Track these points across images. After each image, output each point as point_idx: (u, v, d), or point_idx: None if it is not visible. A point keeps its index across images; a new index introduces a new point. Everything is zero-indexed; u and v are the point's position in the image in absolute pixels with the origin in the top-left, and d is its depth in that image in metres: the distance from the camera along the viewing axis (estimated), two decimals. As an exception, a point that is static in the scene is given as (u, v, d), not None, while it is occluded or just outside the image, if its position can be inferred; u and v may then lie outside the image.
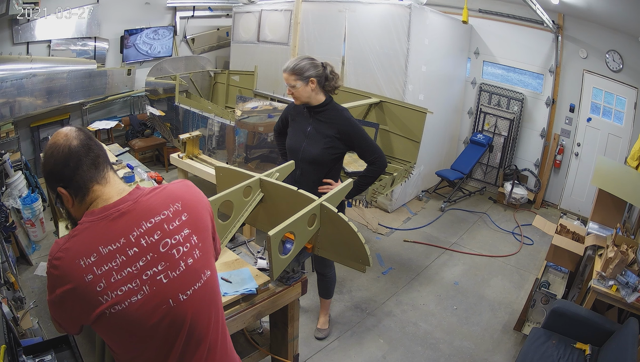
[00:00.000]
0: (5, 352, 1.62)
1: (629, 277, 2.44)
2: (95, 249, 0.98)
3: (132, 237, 1.00)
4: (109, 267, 0.98)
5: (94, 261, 0.97)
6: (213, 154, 4.10)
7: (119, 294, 0.98)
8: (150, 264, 1.01)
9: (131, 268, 0.99)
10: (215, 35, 6.70)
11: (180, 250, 1.04)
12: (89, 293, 0.97)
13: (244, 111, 3.59)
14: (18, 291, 2.88)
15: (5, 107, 4.26)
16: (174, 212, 1.05)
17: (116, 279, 0.98)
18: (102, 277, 0.97)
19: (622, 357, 2.07)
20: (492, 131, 5.50)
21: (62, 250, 1.00)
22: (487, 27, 5.27)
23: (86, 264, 0.97)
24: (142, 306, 1.00)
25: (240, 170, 2.13)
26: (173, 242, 1.03)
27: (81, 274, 0.97)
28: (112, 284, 0.97)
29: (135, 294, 0.99)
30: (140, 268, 1.00)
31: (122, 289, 0.98)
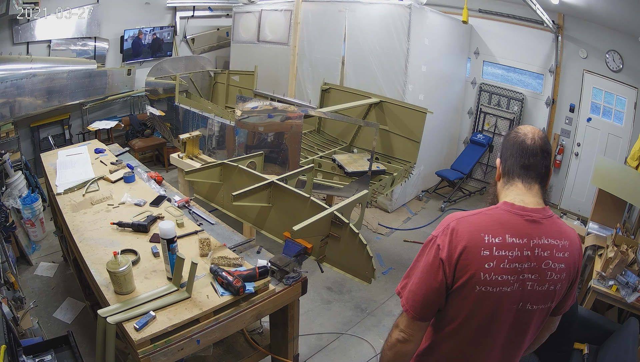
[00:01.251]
0: (5, 352, 1.62)
1: (629, 277, 2.44)
2: (503, 234, 1.11)
3: (532, 242, 1.13)
4: (504, 254, 1.10)
5: (497, 242, 1.10)
6: (213, 154, 4.10)
7: (498, 280, 1.10)
8: (530, 270, 1.13)
9: (518, 264, 1.11)
10: (215, 35, 6.70)
11: (552, 275, 1.15)
12: (476, 262, 1.09)
13: (244, 111, 3.58)
14: (18, 291, 2.88)
15: (5, 107, 4.26)
16: (563, 246, 1.16)
17: (504, 267, 1.10)
18: (495, 259, 1.10)
19: (622, 357, 2.07)
20: (492, 131, 5.50)
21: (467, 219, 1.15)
22: (487, 27, 5.27)
23: (489, 240, 1.10)
24: (503, 299, 1.12)
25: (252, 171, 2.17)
26: (552, 266, 1.15)
27: (480, 245, 1.10)
28: (499, 270, 1.10)
29: (507, 286, 1.11)
30: (523, 269, 1.12)
31: (503, 277, 1.11)
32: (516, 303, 1.14)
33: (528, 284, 1.13)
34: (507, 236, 1.11)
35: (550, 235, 1.15)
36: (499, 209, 1.17)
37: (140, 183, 2.72)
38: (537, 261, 1.13)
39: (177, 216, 2.27)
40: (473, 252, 1.10)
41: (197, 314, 1.65)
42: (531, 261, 1.12)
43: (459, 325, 1.18)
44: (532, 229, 1.14)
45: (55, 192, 2.55)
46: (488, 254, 1.10)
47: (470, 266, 1.10)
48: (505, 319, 1.16)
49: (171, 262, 1.78)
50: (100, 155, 3.08)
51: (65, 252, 3.22)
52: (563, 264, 1.16)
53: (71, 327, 2.81)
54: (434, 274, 1.13)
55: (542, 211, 1.17)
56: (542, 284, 1.14)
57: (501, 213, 1.15)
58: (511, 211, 1.15)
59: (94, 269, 1.86)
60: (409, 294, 1.18)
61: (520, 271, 1.12)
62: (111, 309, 1.62)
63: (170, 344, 1.58)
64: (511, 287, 1.12)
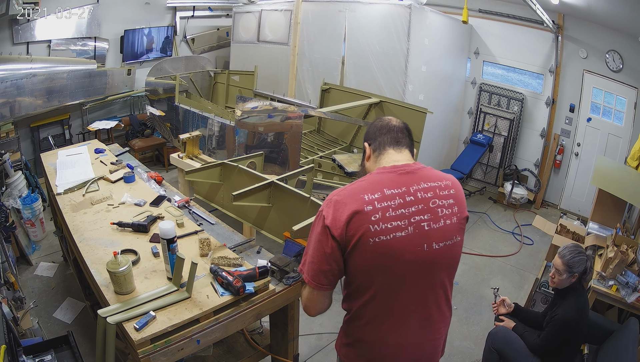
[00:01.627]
0: (5, 352, 1.62)
1: (629, 277, 2.44)
2: (380, 189, 1.22)
3: (412, 188, 1.25)
4: (387, 204, 1.20)
5: (377, 197, 1.20)
6: (213, 154, 4.10)
7: (389, 227, 1.19)
8: (419, 212, 1.23)
9: (405, 210, 1.22)
10: (215, 35, 6.70)
11: (443, 211, 1.26)
12: (363, 219, 1.17)
13: (244, 111, 3.59)
14: (18, 291, 2.88)
15: (5, 107, 4.26)
16: (445, 186, 1.30)
17: (391, 214, 1.20)
18: (380, 211, 1.19)
19: (622, 357, 2.07)
20: (492, 131, 5.50)
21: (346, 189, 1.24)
22: (487, 27, 5.27)
23: (369, 198, 1.20)
24: (403, 242, 1.20)
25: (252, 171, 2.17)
26: (440, 203, 1.26)
27: (362, 204, 1.19)
28: (387, 218, 1.19)
29: (401, 231, 1.20)
30: (411, 212, 1.22)
31: (393, 223, 1.20)
32: (420, 245, 1.22)
33: (424, 224, 1.23)
34: (385, 189, 1.22)
35: (428, 179, 1.29)
36: (373, 174, 1.29)
37: (140, 183, 2.72)
38: (424, 202, 1.24)
39: (177, 216, 2.27)
40: (358, 212, 1.18)
41: (197, 314, 1.65)
42: (417, 203, 1.23)
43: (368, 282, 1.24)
44: (408, 178, 1.27)
45: (55, 192, 2.55)
46: (371, 209, 1.18)
47: (358, 225, 1.17)
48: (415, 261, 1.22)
49: (171, 262, 1.78)
50: (100, 155, 3.08)
51: (65, 252, 3.22)
52: (451, 199, 1.29)
53: (71, 327, 2.81)
54: (324, 242, 1.21)
55: (414, 164, 1.31)
56: (437, 221, 1.25)
57: (375, 175, 1.28)
58: (384, 172, 1.28)
59: (94, 269, 1.86)
60: (308, 266, 1.26)
61: (410, 215, 1.22)
62: (111, 309, 1.62)
63: (170, 344, 1.59)
64: (405, 231, 1.21)
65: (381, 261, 1.21)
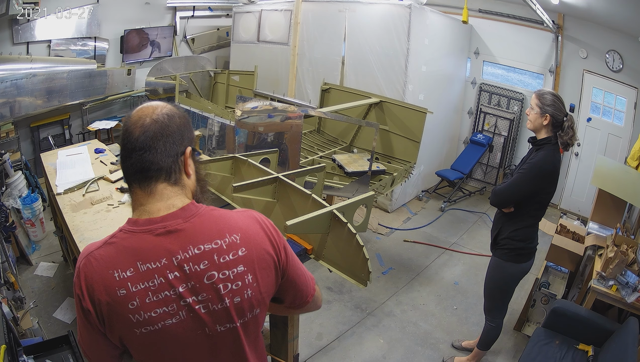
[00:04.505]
0: (5, 352, 1.62)
1: (629, 277, 2.44)
2: (133, 264, 0.89)
3: (175, 260, 0.90)
4: (145, 286, 0.89)
5: (130, 276, 0.89)
6: (213, 154, 4.10)
7: (153, 316, 0.90)
8: (190, 292, 0.91)
9: (169, 292, 0.90)
10: (215, 35, 6.70)
11: (227, 286, 0.93)
12: (119, 308, 0.89)
13: (244, 111, 3.58)
14: (18, 291, 2.88)
15: (5, 107, 4.26)
16: (229, 244, 0.94)
17: (151, 300, 0.90)
18: (137, 296, 0.89)
19: (622, 357, 2.07)
20: (492, 131, 5.50)
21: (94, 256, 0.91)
22: (487, 27, 5.27)
23: (120, 277, 0.89)
24: (177, 328, 0.92)
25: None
26: (221, 277, 0.92)
27: (113, 287, 0.89)
28: (147, 305, 0.89)
29: (170, 318, 0.91)
30: (179, 294, 0.91)
31: (157, 311, 0.90)
32: (200, 328, 0.93)
33: (198, 307, 0.92)
34: (139, 263, 0.89)
35: (201, 240, 0.92)
36: (124, 232, 0.92)
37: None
38: (194, 279, 0.91)
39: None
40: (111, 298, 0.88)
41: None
42: (184, 281, 0.90)
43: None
44: (169, 242, 0.90)
45: (55, 192, 2.55)
46: (125, 293, 0.88)
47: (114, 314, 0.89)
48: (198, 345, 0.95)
49: None
50: (100, 155, 3.09)
51: (65, 252, 3.22)
52: (241, 265, 0.94)
53: (71, 327, 2.81)
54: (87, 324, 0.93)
55: (180, 213, 0.93)
56: (219, 301, 0.93)
57: (127, 237, 0.91)
58: (136, 231, 0.91)
59: (94, 269, 1.85)
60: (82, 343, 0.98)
61: (177, 298, 0.91)
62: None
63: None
64: (176, 317, 0.91)
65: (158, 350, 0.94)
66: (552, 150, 2.15)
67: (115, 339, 0.93)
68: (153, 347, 0.93)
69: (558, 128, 2.15)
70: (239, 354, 1.01)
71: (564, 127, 2.14)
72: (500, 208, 2.27)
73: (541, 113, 2.14)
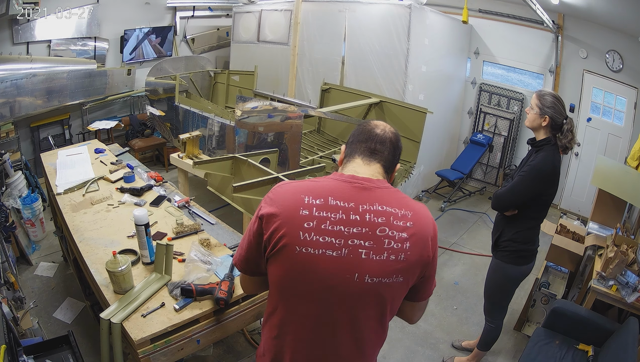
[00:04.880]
0: (5, 352, 1.62)
1: (629, 277, 2.44)
2: (325, 196, 1.06)
3: (361, 207, 1.06)
4: (326, 215, 1.05)
5: (319, 204, 1.05)
6: (213, 154, 4.10)
7: (320, 242, 1.04)
8: (361, 236, 1.05)
9: (344, 228, 1.04)
10: (215, 35, 6.70)
11: (391, 243, 1.06)
12: (293, 222, 1.04)
13: (244, 111, 3.58)
14: (18, 291, 2.88)
15: (5, 107, 4.26)
16: (403, 215, 1.08)
17: (326, 228, 1.04)
18: (315, 219, 1.04)
19: (622, 357, 2.07)
20: (492, 131, 5.50)
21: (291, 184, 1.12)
22: (487, 27, 5.27)
23: (309, 201, 1.05)
24: (331, 264, 1.04)
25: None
26: (390, 233, 1.06)
27: (298, 206, 1.05)
28: (321, 230, 1.04)
29: (333, 250, 1.04)
30: (351, 234, 1.04)
31: (326, 238, 1.04)
32: (350, 272, 1.05)
33: (361, 251, 1.05)
34: (330, 198, 1.06)
35: (385, 202, 1.08)
36: (327, 178, 1.13)
37: (140, 183, 2.71)
38: (370, 227, 1.05)
39: (177, 216, 2.27)
40: (290, 210, 1.05)
41: (197, 314, 1.65)
42: (361, 225, 1.05)
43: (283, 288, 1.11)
44: (362, 194, 1.08)
45: (55, 192, 2.55)
46: (307, 214, 1.04)
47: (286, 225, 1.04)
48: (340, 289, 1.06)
49: (149, 247, 1.88)
50: (100, 155, 3.09)
51: (65, 252, 3.21)
52: (405, 233, 1.07)
53: (71, 327, 2.81)
54: (253, 230, 1.12)
55: (377, 181, 1.12)
56: (380, 253, 1.05)
57: (328, 180, 1.12)
58: (339, 179, 1.11)
59: (94, 269, 1.86)
60: (238, 250, 1.21)
61: (348, 236, 1.04)
62: (112, 310, 1.62)
63: (170, 344, 1.59)
64: (337, 252, 1.04)
65: (300, 277, 1.06)
66: (552, 151, 2.12)
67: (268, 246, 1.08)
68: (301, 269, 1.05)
69: (557, 130, 2.13)
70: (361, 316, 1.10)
71: (563, 130, 2.11)
72: (502, 212, 2.26)
73: (540, 114, 2.13)
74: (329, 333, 1.11)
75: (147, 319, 1.59)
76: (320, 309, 1.09)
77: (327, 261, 1.04)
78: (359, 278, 1.05)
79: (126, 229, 2.16)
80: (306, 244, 1.03)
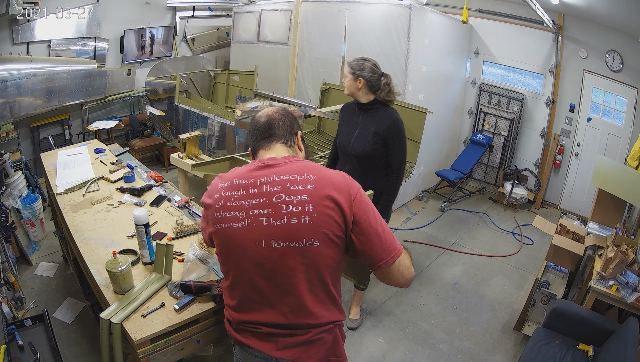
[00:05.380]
0: (5, 352, 1.62)
1: (629, 277, 2.44)
2: (231, 179, 1.27)
3: (259, 181, 1.22)
4: (230, 194, 1.25)
5: (226, 186, 1.27)
6: (213, 154, 4.10)
7: (227, 217, 1.23)
8: (259, 206, 1.20)
9: (244, 201, 1.22)
10: (215, 35, 6.70)
11: (289, 208, 1.17)
12: (211, 208, 1.28)
13: (244, 111, 3.58)
14: (18, 291, 2.88)
15: (5, 107, 4.26)
16: (303, 180, 1.20)
17: (230, 204, 1.23)
18: (223, 199, 1.25)
19: (622, 357, 2.07)
20: (492, 131, 5.50)
21: (218, 176, 1.34)
22: (487, 27, 5.27)
23: (221, 186, 1.28)
24: (240, 233, 1.22)
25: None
26: (286, 199, 1.18)
27: (214, 193, 1.29)
28: (226, 207, 1.24)
29: (238, 222, 1.22)
30: (251, 205, 1.21)
31: (231, 213, 1.23)
32: (257, 240, 1.19)
33: (262, 219, 1.19)
34: (234, 179, 1.26)
35: (285, 172, 1.22)
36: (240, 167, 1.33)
37: (140, 183, 2.71)
38: (267, 197, 1.20)
39: (177, 216, 2.27)
40: (212, 198, 1.28)
41: (197, 314, 1.65)
42: (259, 196, 1.20)
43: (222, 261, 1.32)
44: (262, 171, 1.25)
45: (55, 192, 2.55)
46: (218, 197, 1.26)
47: (210, 210, 1.28)
48: (252, 256, 1.21)
49: (149, 247, 1.88)
50: (100, 155, 3.08)
51: (65, 252, 3.22)
52: (305, 195, 1.17)
53: (71, 327, 2.81)
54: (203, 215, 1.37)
55: (282, 159, 1.28)
56: (279, 218, 1.17)
57: (241, 168, 1.31)
58: (247, 166, 1.31)
59: (94, 269, 1.86)
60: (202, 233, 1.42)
61: (249, 208, 1.20)
62: (112, 310, 1.62)
63: (170, 344, 1.59)
64: (242, 223, 1.21)
65: (227, 248, 1.26)
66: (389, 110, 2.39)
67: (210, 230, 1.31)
68: (223, 244, 1.27)
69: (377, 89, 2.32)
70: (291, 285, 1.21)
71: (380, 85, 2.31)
72: None
73: (354, 78, 2.31)
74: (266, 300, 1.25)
75: (147, 319, 1.59)
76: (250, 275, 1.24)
77: (236, 232, 1.22)
78: (266, 244, 1.19)
79: (126, 229, 2.16)
80: (219, 220, 1.24)
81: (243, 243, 1.21)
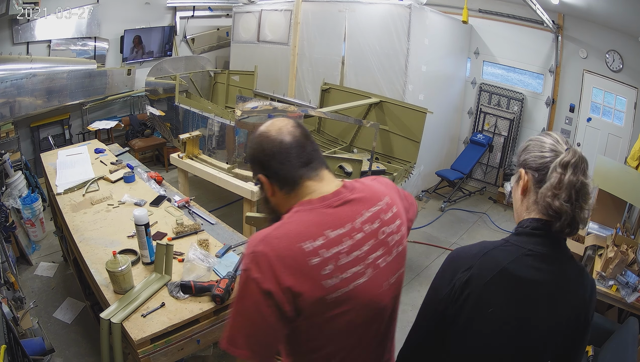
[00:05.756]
0: (5, 352, 1.62)
1: (629, 277, 2.44)
2: (321, 233, 0.96)
3: (357, 223, 1.01)
4: (337, 250, 0.96)
5: (322, 243, 0.95)
6: (213, 154, 4.09)
7: (346, 278, 0.97)
8: (373, 249, 1.03)
9: (358, 251, 1.00)
10: (215, 35, 6.70)
11: (393, 238, 1.08)
12: (310, 275, 0.93)
13: (244, 111, 3.58)
14: (18, 291, 2.88)
15: (5, 107, 4.26)
16: (387, 205, 1.08)
17: (345, 261, 0.97)
18: (330, 261, 0.95)
19: (622, 357, 2.07)
20: (492, 131, 5.50)
21: (274, 236, 0.94)
22: (487, 27, 5.27)
23: (312, 247, 0.93)
24: (366, 288, 1.01)
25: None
26: (388, 231, 1.07)
27: (304, 258, 0.92)
28: (341, 267, 0.96)
29: (361, 277, 1.00)
30: (365, 252, 1.01)
31: (350, 271, 0.98)
32: (380, 287, 1.05)
33: (379, 262, 1.04)
34: (328, 231, 0.96)
35: (369, 204, 1.05)
36: (300, 212, 1.00)
37: (140, 183, 2.72)
38: (374, 237, 1.03)
39: (177, 216, 2.27)
40: (302, 269, 0.92)
41: (197, 313, 1.65)
42: (368, 239, 1.02)
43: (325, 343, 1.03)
44: (348, 211, 1.01)
45: (55, 192, 2.55)
46: (319, 260, 0.93)
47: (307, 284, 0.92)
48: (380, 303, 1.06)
49: (149, 247, 1.88)
50: (100, 155, 3.09)
51: (65, 252, 3.22)
52: (398, 219, 1.10)
53: (71, 327, 2.81)
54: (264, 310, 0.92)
55: (344, 189, 1.05)
56: (390, 253, 1.07)
57: (304, 214, 0.99)
58: (315, 207, 1.00)
59: (94, 269, 1.86)
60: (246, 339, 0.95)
61: (365, 256, 1.01)
62: (112, 310, 1.62)
63: (170, 344, 1.59)
64: (364, 277, 1.00)
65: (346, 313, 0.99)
66: None
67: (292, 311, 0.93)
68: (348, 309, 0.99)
69: None
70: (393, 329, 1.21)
71: None
72: None
73: None
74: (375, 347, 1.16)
75: (147, 319, 1.59)
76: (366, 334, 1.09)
77: (362, 287, 1.00)
78: (387, 284, 1.07)
79: (126, 229, 2.16)
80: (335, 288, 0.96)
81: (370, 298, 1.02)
